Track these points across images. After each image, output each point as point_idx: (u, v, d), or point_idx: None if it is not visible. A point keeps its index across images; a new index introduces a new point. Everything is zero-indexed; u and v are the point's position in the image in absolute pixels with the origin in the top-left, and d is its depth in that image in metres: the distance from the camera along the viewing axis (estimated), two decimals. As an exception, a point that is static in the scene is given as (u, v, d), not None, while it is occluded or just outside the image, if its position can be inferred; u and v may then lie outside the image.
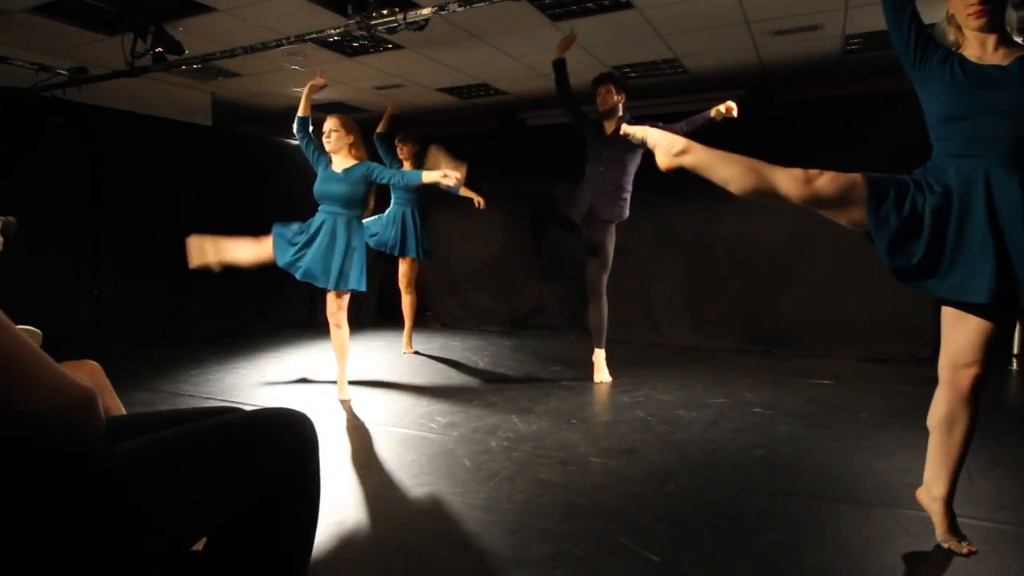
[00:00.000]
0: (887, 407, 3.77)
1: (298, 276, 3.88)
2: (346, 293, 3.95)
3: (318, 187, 3.99)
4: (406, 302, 5.62)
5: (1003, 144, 1.85)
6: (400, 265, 5.55)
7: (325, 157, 4.06)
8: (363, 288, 3.98)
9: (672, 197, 5.93)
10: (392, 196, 5.42)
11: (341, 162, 4.02)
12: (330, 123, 4.02)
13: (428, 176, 3.88)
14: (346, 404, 3.89)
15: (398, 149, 5.46)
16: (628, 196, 4.42)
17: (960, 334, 1.93)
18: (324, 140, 4.01)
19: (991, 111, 1.87)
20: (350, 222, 3.96)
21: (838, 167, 5.88)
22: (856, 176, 2.04)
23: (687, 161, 2.14)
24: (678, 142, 2.19)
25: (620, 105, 4.39)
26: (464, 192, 5.28)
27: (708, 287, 5.83)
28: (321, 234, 3.87)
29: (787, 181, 2.01)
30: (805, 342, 5.41)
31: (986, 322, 1.90)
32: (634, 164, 4.39)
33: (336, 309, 3.95)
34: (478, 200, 5.54)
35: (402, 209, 5.38)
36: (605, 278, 4.43)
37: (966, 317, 1.91)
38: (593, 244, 4.42)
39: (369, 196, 4.13)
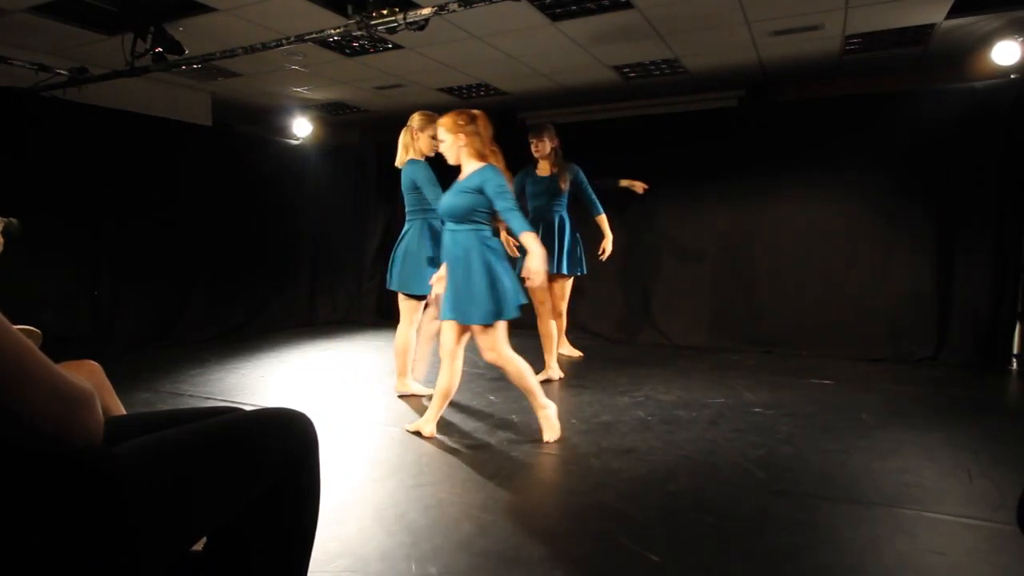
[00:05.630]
0: (887, 407, 3.77)
1: None
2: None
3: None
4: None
5: None
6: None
7: None
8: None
9: (673, 198, 5.95)
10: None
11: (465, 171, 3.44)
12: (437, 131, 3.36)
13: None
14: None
15: (532, 146, 4.42)
16: None
17: None
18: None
19: None
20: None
21: (838, 166, 5.91)
22: None
23: None
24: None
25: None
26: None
27: (708, 287, 5.84)
28: None
29: None
30: (805, 342, 5.41)
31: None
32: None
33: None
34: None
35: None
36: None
37: None
38: None
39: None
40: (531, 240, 2.91)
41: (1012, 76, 4.78)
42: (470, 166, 3.13)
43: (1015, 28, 4.48)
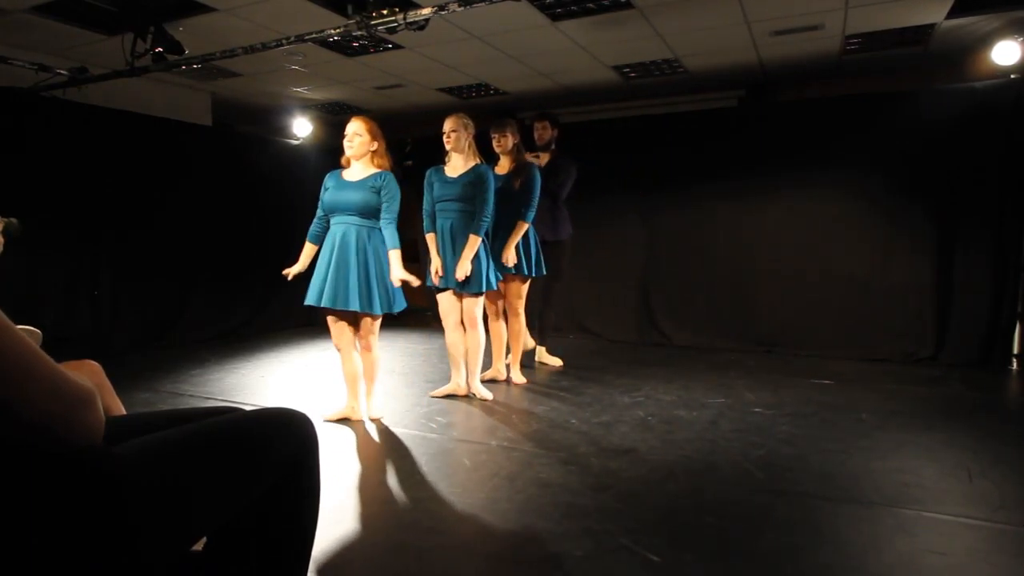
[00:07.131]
0: (887, 407, 3.77)
1: (324, 305, 3.46)
2: (376, 318, 3.47)
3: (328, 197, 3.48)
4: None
5: None
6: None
7: (336, 171, 3.55)
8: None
9: (672, 198, 5.95)
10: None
11: (361, 170, 3.44)
12: (352, 126, 3.42)
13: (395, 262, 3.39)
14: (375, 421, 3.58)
15: (494, 141, 4.33)
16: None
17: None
18: (346, 144, 3.40)
19: None
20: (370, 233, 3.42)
21: (838, 166, 5.90)
22: None
23: None
24: None
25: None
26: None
27: (708, 287, 5.83)
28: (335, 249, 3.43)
29: None
30: (805, 342, 5.41)
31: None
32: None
33: (365, 334, 3.51)
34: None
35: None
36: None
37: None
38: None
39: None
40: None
41: (1012, 76, 4.78)
42: (364, 168, 3.42)
43: (1015, 28, 4.48)
